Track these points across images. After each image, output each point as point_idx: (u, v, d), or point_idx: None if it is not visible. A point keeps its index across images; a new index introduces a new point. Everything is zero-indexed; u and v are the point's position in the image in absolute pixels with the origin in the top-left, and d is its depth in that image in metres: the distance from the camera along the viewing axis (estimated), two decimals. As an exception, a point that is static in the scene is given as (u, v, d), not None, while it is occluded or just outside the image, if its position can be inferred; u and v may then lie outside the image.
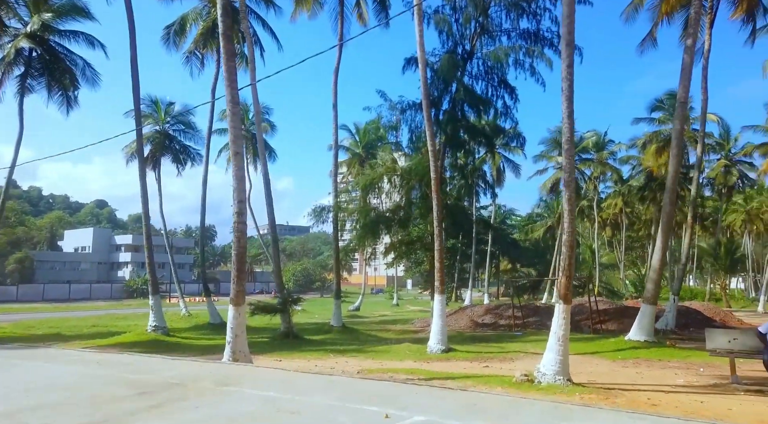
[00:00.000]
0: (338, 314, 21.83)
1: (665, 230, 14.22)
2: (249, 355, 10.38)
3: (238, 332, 9.93)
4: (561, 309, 9.23)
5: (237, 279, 9.80)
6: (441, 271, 14.37)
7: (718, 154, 50.30)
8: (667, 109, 43.38)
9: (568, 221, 9.04)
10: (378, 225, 21.41)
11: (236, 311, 9.94)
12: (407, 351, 14.32)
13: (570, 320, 22.02)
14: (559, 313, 9.26)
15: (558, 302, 9.36)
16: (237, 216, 9.62)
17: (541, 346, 16.81)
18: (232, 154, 9.54)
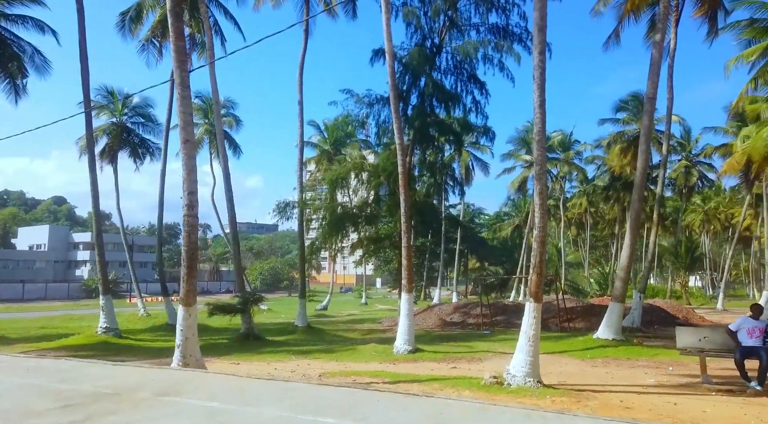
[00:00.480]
0: (303, 313, 21.10)
1: (633, 227, 14.09)
2: (201, 359, 9.63)
3: (188, 334, 9.16)
4: (532, 308, 8.82)
5: (187, 277, 9.03)
6: (409, 268, 13.87)
7: (679, 155, 51.57)
8: (631, 110, 44.13)
9: (539, 216, 8.63)
10: (344, 222, 20.79)
11: (186, 311, 9.17)
12: (373, 352, 13.76)
13: None
14: (529, 312, 8.85)
15: (528, 300, 8.95)
16: (187, 209, 8.85)
17: (510, 345, 16.54)
18: (181, 141, 8.78)
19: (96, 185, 17.24)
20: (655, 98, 13.76)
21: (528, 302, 8.97)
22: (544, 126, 8.51)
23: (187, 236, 8.93)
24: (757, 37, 21.85)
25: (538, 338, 8.83)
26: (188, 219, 8.88)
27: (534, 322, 8.78)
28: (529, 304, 8.89)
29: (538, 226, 8.67)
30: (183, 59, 8.70)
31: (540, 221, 8.63)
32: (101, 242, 17.76)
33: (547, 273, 58.77)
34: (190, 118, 8.84)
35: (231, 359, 13.35)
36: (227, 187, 16.58)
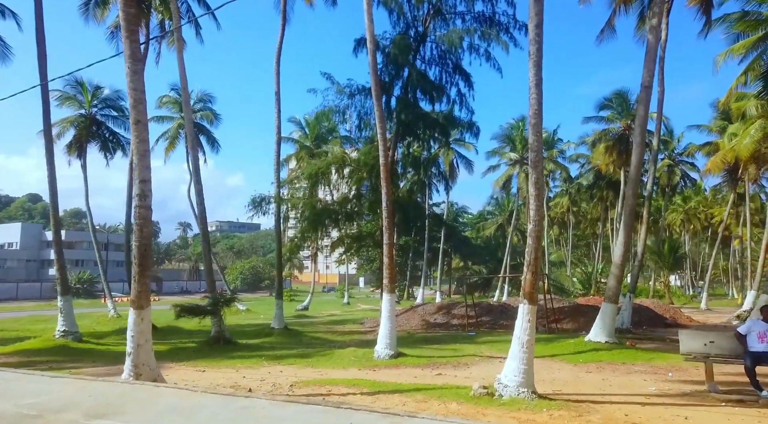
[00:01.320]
0: (280, 314, 20.04)
1: (628, 223, 13.35)
2: (156, 368, 8.56)
3: (141, 341, 8.09)
4: (525, 311, 7.95)
5: (139, 277, 7.96)
6: (390, 267, 12.94)
7: (662, 154, 51.49)
8: (615, 108, 43.84)
9: (534, 208, 7.77)
10: (324, 218, 19.79)
11: (138, 315, 8.09)
12: (352, 357, 12.80)
13: None
14: (523, 315, 7.98)
15: (522, 302, 8.07)
16: (139, 199, 7.79)
17: (497, 347, 15.73)
18: (132, 122, 7.71)
19: (54, 179, 15.96)
20: (651, 87, 13.06)
21: (521, 303, 8.10)
22: (540, 108, 7.64)
23: (139, 229, 7.85)
24: (747, 30, 21.39)
25: (532, 343, 7.97)
26: (140, 211, 7.80)
27: (528, 326, 7.91)
28: (523, 306, 8.02)
29: (533, 219, 7.80)
30: (132, 29, 7.63)
31: (535, 214, 7.77)
32: (59, 239, 16.48)
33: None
34: (141, 95, 7.77)
35: (197, 365, 12.27)
36: (196, 179, 15.44)
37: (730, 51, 21.94)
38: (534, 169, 7.75)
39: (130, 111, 7.72)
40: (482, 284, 64.52)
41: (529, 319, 7.90)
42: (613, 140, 43.79)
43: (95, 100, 31.31)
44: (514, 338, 8.09)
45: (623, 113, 43.75)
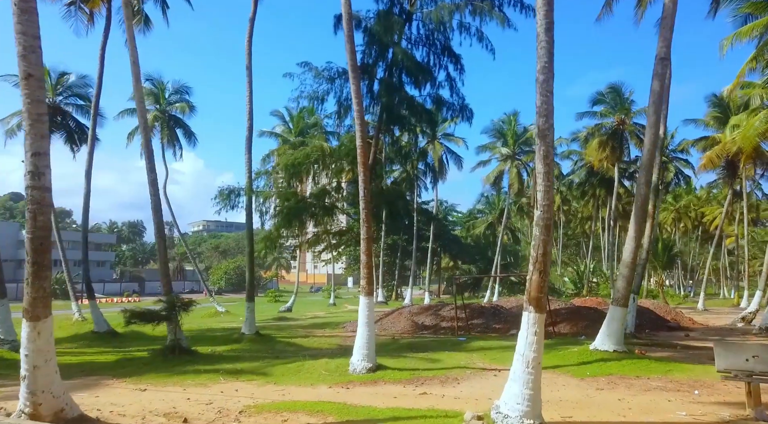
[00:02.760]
0: (251, 319, 18.19)
1: (639, 215, 11.70)
2: (65, 395, 6.73)
3: (38, 361, 6.27)
4: (531, 320, 6.26)
5: (32, 278, 6.11)
6: (369, 266, 11.20)
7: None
8: (609, 103, 42.56)
9: (543, 189, 6.08)
10: (301, 212, 17.98)
11: (33, 328, 6.26)
12: (323, 371, 11.03)
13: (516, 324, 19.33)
14: (528, 325, 6.28)
15: (527, 309, 6.37)
16: (31, 178, 5.96)
17: (490, 356, 14.04)
18: (21, 77, 5.89)
19: None
20: (669, 59, 11.40)
21: (526, 311, 6.39)
22: (551, 61, 5.96)
23: (32, 217, 6.02)
24: (756, 12, 19.96)
25: (540, 362, 6.27)
26: (33, 193, 5.98)
27: (535, 340, 6.21)
28: (528, 314, 6.31)
29: (541, 204, 6.10)
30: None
31: (544, 197, 6.07)
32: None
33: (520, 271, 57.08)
34: (35, 42, 5.94)
35: (141, 381, 10.43)
36: (149, 167, 13.54)
37: (737, 35, 20.50)
38: (542, 140, 6.06)
39: (19, 62, 5.88)
40: (472, 284, 63.05)
41: (536, 331, 6.21)
42: (607, 135, 42.48)
43: (60, 88, 29.19)
44: (517, 355, 6.38)
45: (617, 108, 42.47)
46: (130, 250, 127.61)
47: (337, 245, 20.44)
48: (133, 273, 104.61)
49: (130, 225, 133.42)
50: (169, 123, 39.64)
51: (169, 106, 40.02)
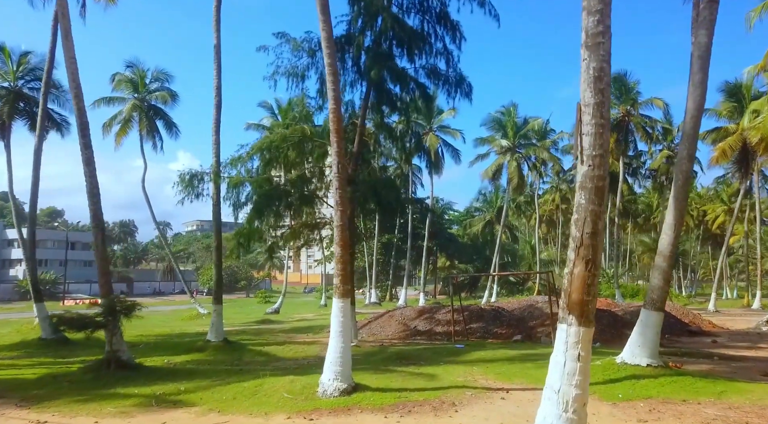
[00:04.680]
0: (218, 324, 15.88)
1: (680, 197, 9.40)
2: None
3: None
4: (573, 336, 4.02)
5: None
6: (343, 261, 8.92)
7: (660, 144, 48.17)
8: (613, 92, 40.44)
9: (594, 131, 3.90)
10: (275, 201, 15.68)
11: None
12: (285, 393, 8.72)
13: (520, 328, 16.50)
14: (567, 345, 4.05)
15: (565, 319, 4.11)
16: None
17: (494, 370, 11.72)
18: None
19: None
20: (717, 1, 9.14)
21: (563, 323, 4.14)
22: None
23: None
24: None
25: (586, 402, 4.00)
26: None
27: (577, 369, 3.96)
28: (568, 329, 4.08)
29: (589, 154, 3.90)
30: None
31: (595, 143, 3.89)
32: None
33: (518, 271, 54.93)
34: None
35: (47, 409, 8.14)
36: (83, 143, 11.17)
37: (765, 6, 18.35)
38: (593, 51, 3.82)
39: None
40: (470, 285, 60.97)
41: (579, 354, 3.95)
42: (611, 126, 40.42)
43: (22, 71, 26.76)
44: (548, 391, 4.13)
45: (622, 98, 40.34)
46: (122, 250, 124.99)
47: (320, 241, 18.06)
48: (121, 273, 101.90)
49: (122, 225, 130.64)
50: (149, 113, 37.23)
51: (149, 94, 37.61)
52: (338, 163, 8.90)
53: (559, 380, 4.05)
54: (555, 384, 4.07)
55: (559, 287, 23.45)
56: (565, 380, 4.01)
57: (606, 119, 3.93)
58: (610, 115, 18.47)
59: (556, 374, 4.11)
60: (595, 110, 3.96)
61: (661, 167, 47.55)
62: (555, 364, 4.15)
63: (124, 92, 37.26)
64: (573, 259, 4.08)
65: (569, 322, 4.06)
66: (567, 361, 4.04)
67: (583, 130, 4.01)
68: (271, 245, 17.36)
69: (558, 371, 4.09)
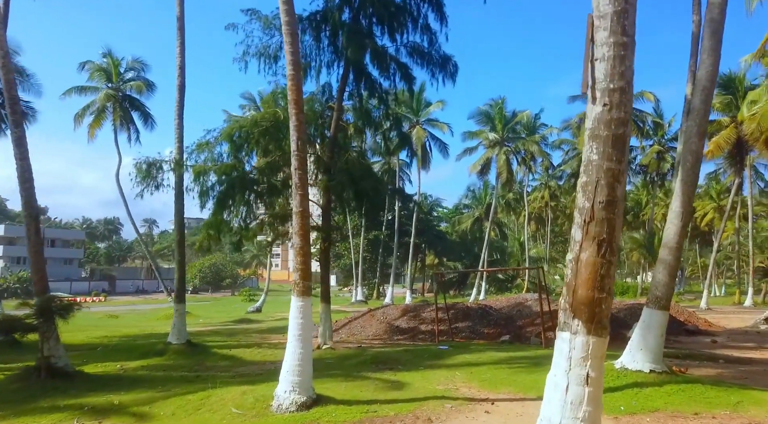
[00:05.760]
0: (180, 325, 14.54)
1: (688, 181, 8.20)
2: None
3: None
4: (579, 350, 2.82)
5: None
6: (304, 251, 7.69)
7: (651, 140, 47.41)
8: (605, 86, 39.58)
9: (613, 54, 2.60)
10: (242, 190, 14.38)
11: None
12: (234, 407, 7.46)
13: (508, 328, 15.16)
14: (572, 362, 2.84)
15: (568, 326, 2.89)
16: None
17: (478, 376, 10.44)
18: None
19: None
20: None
21: (565, 333, 2.92)
22: None
23: None
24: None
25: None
26: None
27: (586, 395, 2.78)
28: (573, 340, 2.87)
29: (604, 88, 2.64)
30: None
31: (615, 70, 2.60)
32: None
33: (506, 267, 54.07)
34: None
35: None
36: (13, 120, 9.76)
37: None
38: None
39: None
40: (458, 282, 59.99)
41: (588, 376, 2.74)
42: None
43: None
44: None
45: (613, 92, 39.53)
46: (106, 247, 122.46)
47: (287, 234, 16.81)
48: (104, 271, 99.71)
49: (106, 222, 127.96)
50: (123, 103, 35.63)
51: (124, 84, 36.01)
52: (297, 139, 7.65)
53: (559, 412, 2.87)
54: (554, 417, 2.89)
55: (547, 284, 21.93)
56: (568, 411, 2.84)
57: (630, 36, 2.77)
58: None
59: (555, 402, 2.93)
60: (615, 23, 2.78)
61: (651, 163, 46.83)
62: (554, 387, 2.96)
63: (98, 82, 35.63)
64: (580, 240, 2.90)
65: (574, 329, 2.88)
66: (570, 384, 2.87)
67: (596, 54, 2.83)
68: (239, 239, 15.99)
69: (558, 399, 2.91)
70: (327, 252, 15.72)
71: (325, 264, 15.43)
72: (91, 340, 18.36)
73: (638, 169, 49.53)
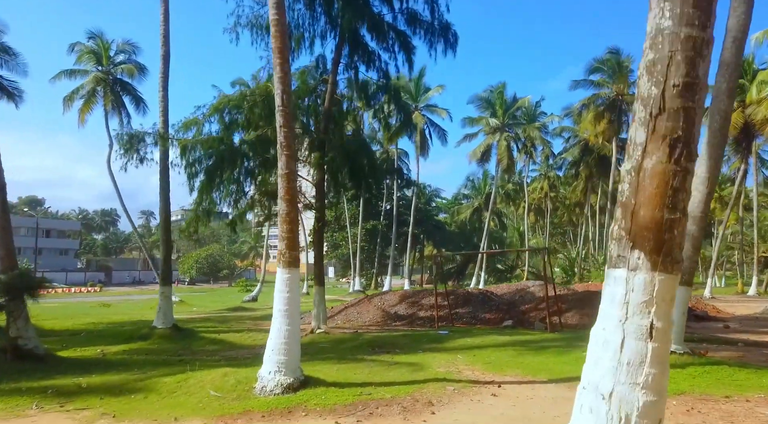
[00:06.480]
0: (166, 308, 13.80)
1: (716, 143, 7.24)
2: None
3: None
4: (642, 288, 2.06)
5: None
6: (291, 218, 6.93)
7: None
8: (607, 71, 38.63)
9: None
10: (234, 165, 13.59)
11: None
12: (213, 389, 6.72)
13: (510, 314, 14.40)
14: (627, 308, 2.06)
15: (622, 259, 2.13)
16: None
17: (482, 358, 9.70)
18: None
19: None
20: None
21: (619, 269, 2.17)
22: None
23: None
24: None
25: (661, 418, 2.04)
26: None
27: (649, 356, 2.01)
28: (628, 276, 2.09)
29: None
30: None
31: None
32: None
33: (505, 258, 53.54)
34: None
35: None
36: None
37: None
38: None
39: None
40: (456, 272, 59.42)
41: (653, 326, 1.99)
42: (604, 107, 38.59)
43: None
44: (587, 394, 2.17)
45: (615, 77, 38.58)
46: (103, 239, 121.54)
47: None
48: (100, 262, 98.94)
49: (103, 213, 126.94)
50: (114, 87, 34.62)
51: (114, 67, 34.98)
52: (282, 92, 6.87)
53: (610, 375, 2.12)
54: (603, 382, 2.14)
55: (547, 274, 20.64)
56: (624, 375, 2.09)
57: None
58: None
59: (604, 364, 2.18)
60: None
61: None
62: (602, 344, 2.21)
63: (87, 65, 34.58)
64: (643, 141, 2.15)
65: (633, 264, 2.12)
66: (627, 339, 2.12)
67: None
68: (233, 219, 15.21)
69: (609, 358, 2.16)
70: (321, 232, 14.95)
71: (318, 245, 14.70)
72: (76, 326, 17.69)
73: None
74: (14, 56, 25.94)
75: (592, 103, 39.27)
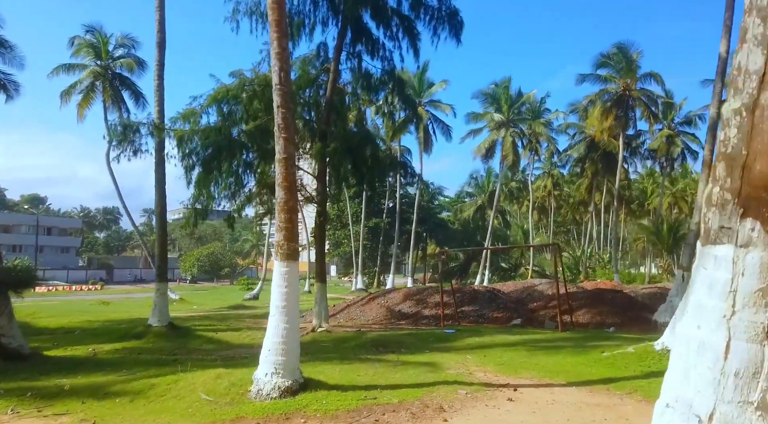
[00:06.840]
0: (162, 305, 13.26)
1: None
2: None
3: None
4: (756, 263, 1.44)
5: None
6: (290, 207, 6.41)
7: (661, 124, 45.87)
8: (614, 66, 37.95)
9: None
10: (232, 156, 13.05)
11: None
12: (204, 393, 6.18)
13: (518, 312, 13.97)
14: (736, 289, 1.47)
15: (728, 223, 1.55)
16: None
17: (494, 360, 8.98)
18: None
19: None
20: None
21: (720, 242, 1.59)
22: None
23: None
24: None
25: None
26: None
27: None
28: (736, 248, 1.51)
29: None
30: None
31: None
32: None
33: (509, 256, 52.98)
34: None
35: None
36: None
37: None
38: None
39: None
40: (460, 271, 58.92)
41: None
42: (611, 102, 37.94)
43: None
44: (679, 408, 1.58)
45: (622, 71, 37.89)
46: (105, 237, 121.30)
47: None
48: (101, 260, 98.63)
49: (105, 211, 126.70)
50: (113, 82, 34.12)
51: (114, 62, 34.47)
52: (279, 70, 6.32)
53: (710, 390, 1.50)
54: (700, 400, 1.52)
55: (550, 272, 20.45)
56: (730, 390, 1.45)
57: None
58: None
59: (700, 374, 1.58)
60: None
61: (660, 147, 45.38)
62: (696, 348, 1.63)
63: (86, 59, 34.08)
64: (761, 66, 1.57)
65: (743, 237, 1.53)
66: (734, 341, 1.49)
67: None
68: (230, 215, 14.68)
69: (706, 367, 1.56)
70: (323, 227, 14.41)
71: (320, 240, 14.15)
72: (72, 324, 17.21)
73: (647, 155, 48.17)
74: (10, 49, 25.51)
75: (599, 99, 38.65)
